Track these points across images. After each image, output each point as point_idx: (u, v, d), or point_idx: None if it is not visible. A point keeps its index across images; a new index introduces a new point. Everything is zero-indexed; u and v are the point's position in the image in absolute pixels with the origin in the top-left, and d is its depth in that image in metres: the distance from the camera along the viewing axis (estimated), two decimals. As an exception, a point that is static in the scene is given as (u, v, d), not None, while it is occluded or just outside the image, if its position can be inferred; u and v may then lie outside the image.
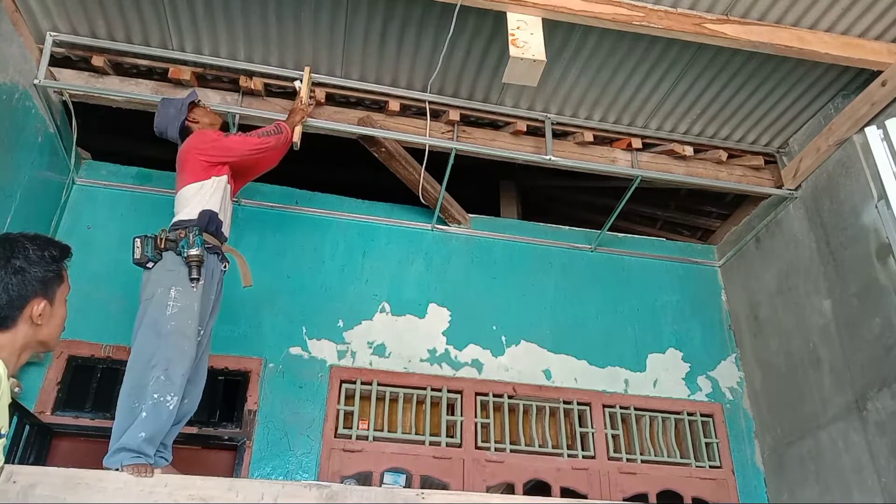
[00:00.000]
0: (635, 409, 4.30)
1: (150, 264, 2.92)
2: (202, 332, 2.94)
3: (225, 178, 3.14)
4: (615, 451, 4.13)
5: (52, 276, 1.53)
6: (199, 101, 3.41)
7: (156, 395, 2.66)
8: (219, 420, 3.77)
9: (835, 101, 4.05)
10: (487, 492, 3.79)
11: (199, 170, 3.08)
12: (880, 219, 3.58)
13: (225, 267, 3.18)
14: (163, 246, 2.91)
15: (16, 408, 3.09)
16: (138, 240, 2.94)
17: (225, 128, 3.67)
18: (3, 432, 1.40)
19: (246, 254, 4.24)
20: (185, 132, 3.25)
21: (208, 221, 3.02)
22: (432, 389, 4.09)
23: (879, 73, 3.62)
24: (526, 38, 3.20)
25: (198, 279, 2.87)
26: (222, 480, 2.56)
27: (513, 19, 3.25)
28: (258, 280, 4.17)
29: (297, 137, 3.54)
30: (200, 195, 3.05)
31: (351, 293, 4.30)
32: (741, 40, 3.49)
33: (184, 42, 3.82)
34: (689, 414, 4.37)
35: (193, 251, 2.87)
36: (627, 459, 4.12)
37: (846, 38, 3.60)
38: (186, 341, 2.78)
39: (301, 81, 3.84)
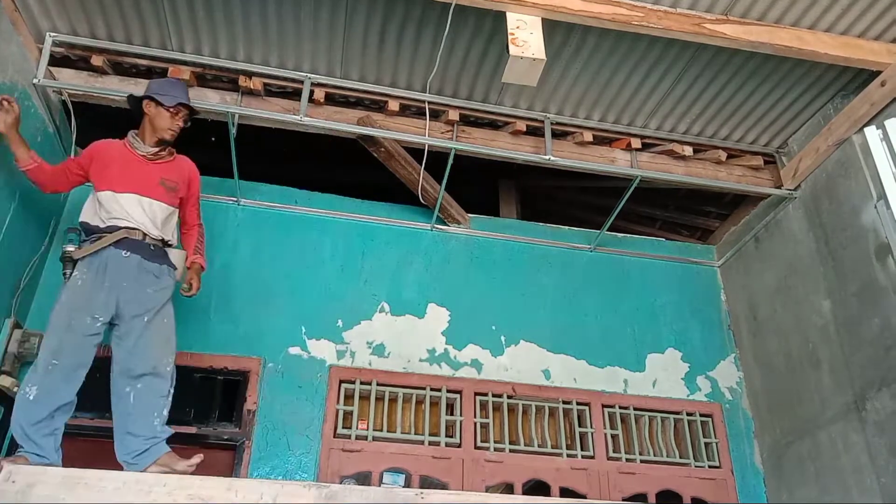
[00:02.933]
0: (634, 409, 4.30)
1: None
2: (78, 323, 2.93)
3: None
4: (614, 451, 4.13)
5: None
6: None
7: None
8: (218, 420, 3.77)
9: (834, 102, 4.06)
10: (487, 492, 3.79)
11: None
12: (879, 219, 3.58)
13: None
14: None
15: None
16: None
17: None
18: None
19: (245, 253, 4.26)
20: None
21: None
22: (431, 389, 4.09)
23: (879, 73, 3.63)
24: (525, 37, 3.20)
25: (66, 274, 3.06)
26: (221, 480, 2.55)
27: (512, 19, 3.26)
28: (258, 279, 4.19)
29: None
30: None
31: (350, 293, 4.29)
32: (740, 40, 3.49)
33: (183, 42, 3.82)
34: (688, 414, 4.36)
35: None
36: (627, 459, 4.12)
37: (845, 38, 3.60)
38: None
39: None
